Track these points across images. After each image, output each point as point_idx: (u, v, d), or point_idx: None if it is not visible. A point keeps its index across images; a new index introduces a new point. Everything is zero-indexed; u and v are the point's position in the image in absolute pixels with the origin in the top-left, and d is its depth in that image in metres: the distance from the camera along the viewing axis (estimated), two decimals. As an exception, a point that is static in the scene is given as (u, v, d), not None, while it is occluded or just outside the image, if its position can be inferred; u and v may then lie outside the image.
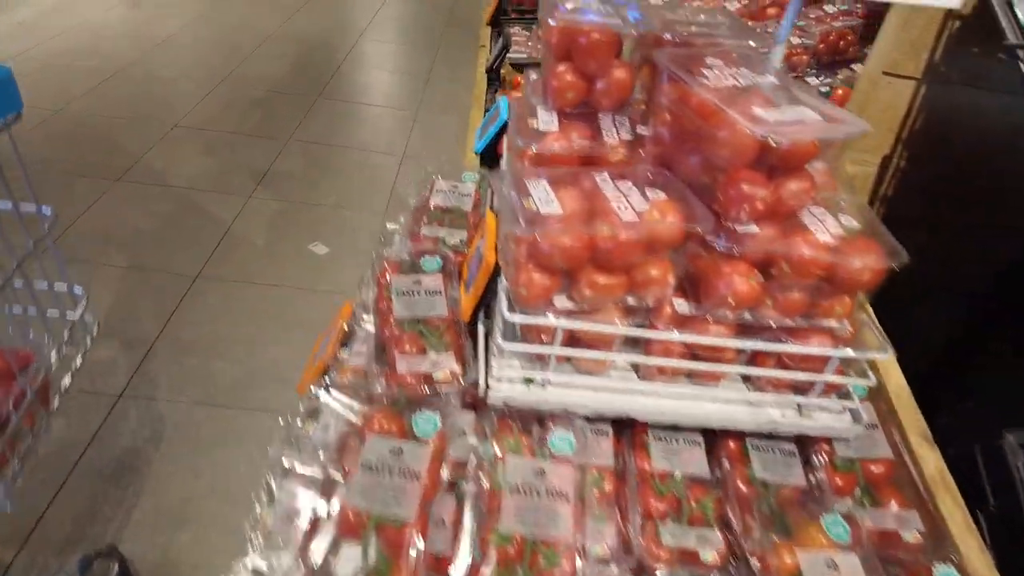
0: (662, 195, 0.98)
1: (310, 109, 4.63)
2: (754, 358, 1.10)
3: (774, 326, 1.03)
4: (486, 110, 2.38)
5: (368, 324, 1.28)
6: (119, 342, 2.65)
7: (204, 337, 2.74)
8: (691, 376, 1.12)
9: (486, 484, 0.95)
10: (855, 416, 1.14)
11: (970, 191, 1.36)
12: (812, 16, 2.61)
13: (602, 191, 0.98)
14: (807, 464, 1.17)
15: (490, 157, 2.11)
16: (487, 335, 1.16)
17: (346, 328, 1.32)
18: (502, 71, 2.60)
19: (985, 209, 1.61)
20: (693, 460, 1.13)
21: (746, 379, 1.15)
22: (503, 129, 2.04)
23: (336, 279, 3.15)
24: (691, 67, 1.00)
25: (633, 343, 1.08)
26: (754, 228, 0.96)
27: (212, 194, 3.63)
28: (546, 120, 1.14)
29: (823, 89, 2.32)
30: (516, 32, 3.17)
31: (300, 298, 3.01)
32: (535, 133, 1.12)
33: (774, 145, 0.84)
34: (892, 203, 1.24)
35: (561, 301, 1.00)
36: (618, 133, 1.14)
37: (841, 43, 2.49)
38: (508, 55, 2.58)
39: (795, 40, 2.52)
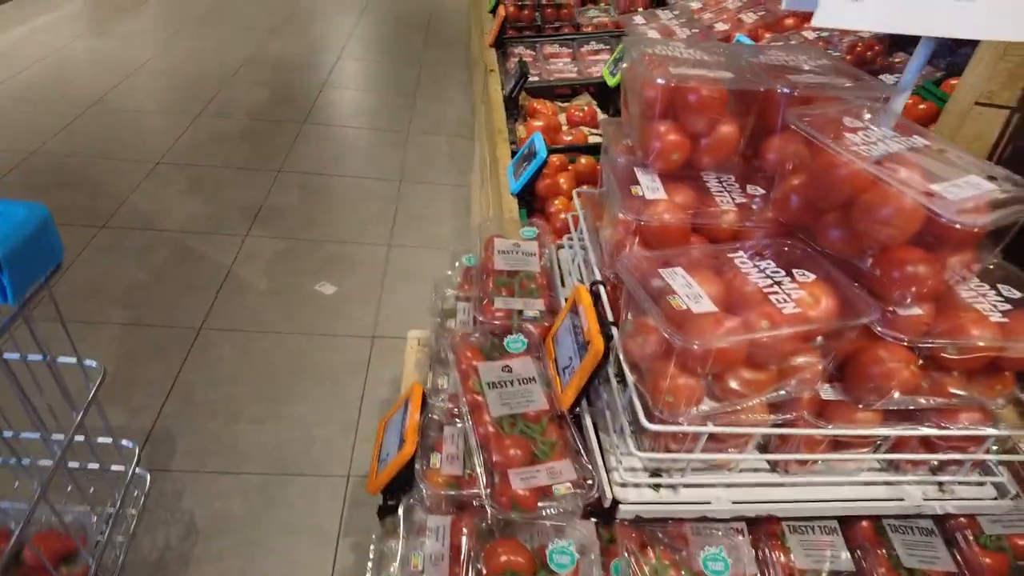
0: (810, 276, 0.87)
1: (297, 136, 4.45)
2: (897, 439, 0.99)
3: (928, 406, 0.93)
4: (513, 144, 2.25)
5: (444, 415, 1.15)
6: (124, 409, 2.47)
7: (218, 396, 2.57)
8: (827, 462, 1.01)
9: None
10: (1000, 490, 1.05)
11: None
12: (835, 28, 2.54)
13: (745, 274, 0.87)
14: (949, 543, 1.07)
15: (528, 198, 1.99)
16: (596, 428, 1.04)
17: (419, 420, 1.19)
18: (519, 99, 2.47)
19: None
20: (833, 552, 1.02)
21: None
22: (541, 168, 1.92)
23: (349, 321, 3.00)
24: (830, 129, 0.89)
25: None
26: (916, 310, 0.86)
27: (206, 236, 3.44)
28: (650, 186, 1.02)
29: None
30: (523, 53, 3.06)
31: (315, 345, 2.85)
32: (640, 201, 1.01)
33: (968, 229, 0.74)
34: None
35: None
36: (730, 196, 1.03)
37: (868, 54, 2.42)
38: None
39: (821, 53, 2.44)
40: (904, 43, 2.46)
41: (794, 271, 0.87)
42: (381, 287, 3.22)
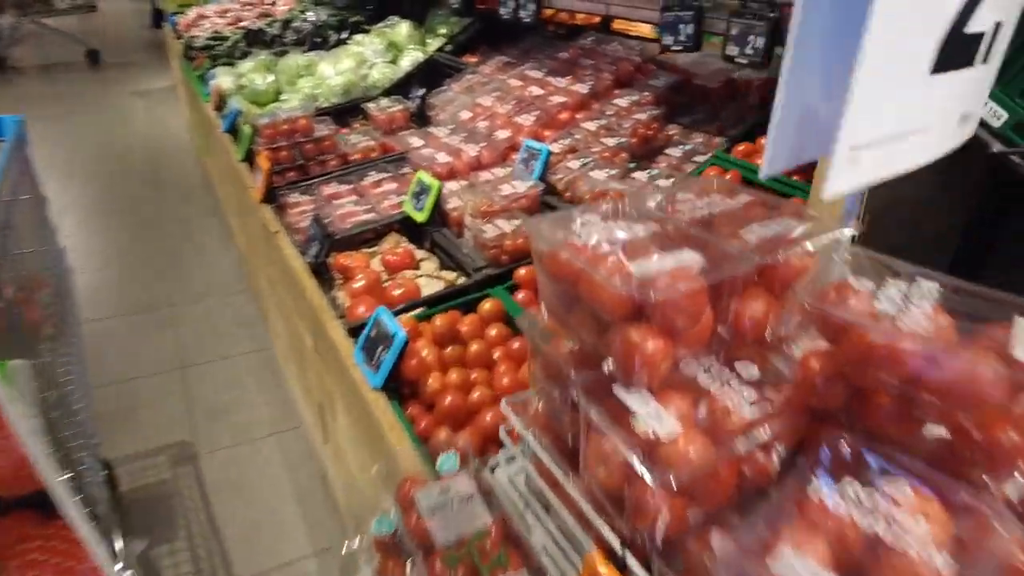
0: (907, 490, 0.70)
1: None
2: None
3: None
4: (341, 318, 1.91)
5: None
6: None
7: None
8: None
9: None
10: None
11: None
12: (610, 113, 2.62)
13: (853, 523, 0.67)
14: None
15: (391, 385, 1.64)
16: None
17: None
18: (328, 260, 2.14)
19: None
20: None
21: None
22: (403, 350, 1.61)
23: None
24: (840, 300, 0.75)
25: None
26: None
27: None
28: (650, 414, 0.79)
29: (662, 182, 2.24)
30: (300, 201, 2.71)
31: None
32: (652, 443, 0.77)
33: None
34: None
35: None
36: (732, 388, 0.84)
37: (648, 132, 2.51)
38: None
39: (611, 142, 2.48)
40: (674, 118, 2.61)
41: (885, 488, 0.70)
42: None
